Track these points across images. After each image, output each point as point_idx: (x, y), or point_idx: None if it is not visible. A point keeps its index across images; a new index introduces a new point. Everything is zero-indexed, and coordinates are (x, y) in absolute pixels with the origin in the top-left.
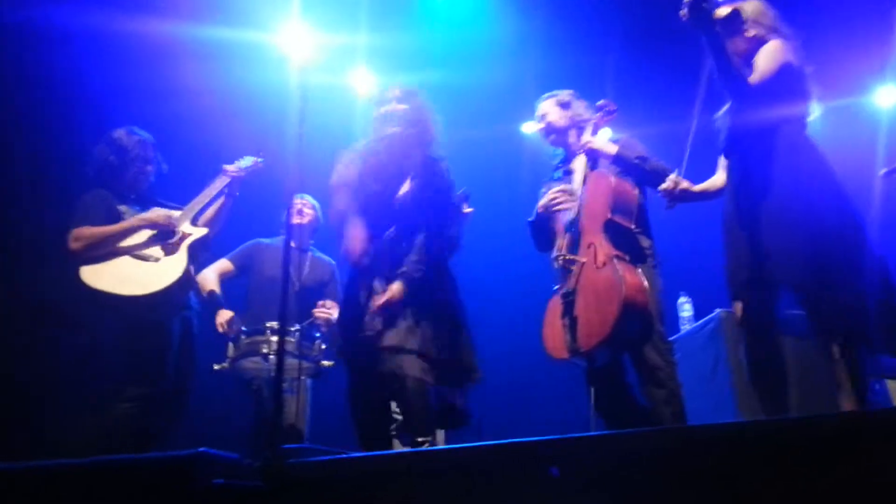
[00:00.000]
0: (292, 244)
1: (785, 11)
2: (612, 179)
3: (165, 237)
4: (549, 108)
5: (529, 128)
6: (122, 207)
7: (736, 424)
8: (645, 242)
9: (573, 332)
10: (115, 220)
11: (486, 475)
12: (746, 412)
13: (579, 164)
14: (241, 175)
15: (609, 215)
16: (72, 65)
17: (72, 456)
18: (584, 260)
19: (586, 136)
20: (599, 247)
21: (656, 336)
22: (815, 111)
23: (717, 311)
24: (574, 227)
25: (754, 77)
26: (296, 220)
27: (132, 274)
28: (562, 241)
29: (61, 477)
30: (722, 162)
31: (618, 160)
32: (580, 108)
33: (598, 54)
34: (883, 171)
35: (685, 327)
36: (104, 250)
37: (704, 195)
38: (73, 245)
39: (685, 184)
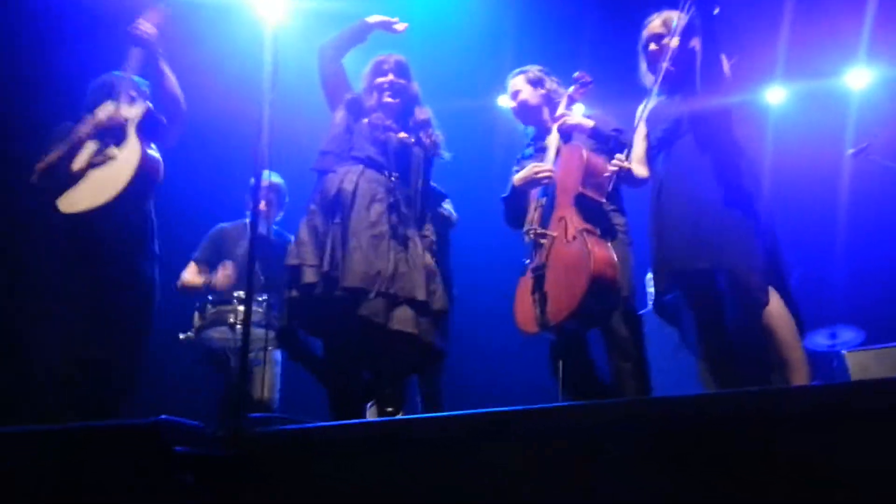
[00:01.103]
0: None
1: None
2: (584, 153)
3: (118, 133)
4: (521, 86)
5: (504, 101)
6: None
7: (699, 396)
8: (618, 220)
9: (542, 307)
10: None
11: (457, 445)
12: (709, 387)
13: (552, 139)
14: (151, 33)
15: (580, 189)
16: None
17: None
18: (555, 234)
19: (561, 110)
20: (570, 221)
21: (627, 309)
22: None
23: None
24: (547, 201)
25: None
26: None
27: (103, 181)
28: (533, 215)
29: (18, 443)
30: (640, 153)
31: (595, 134)
32: (552, 84)
33: (574, 26)
34: (850, 151)
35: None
36: (67, 174)
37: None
38: (33, 179)
39: (628, 164)
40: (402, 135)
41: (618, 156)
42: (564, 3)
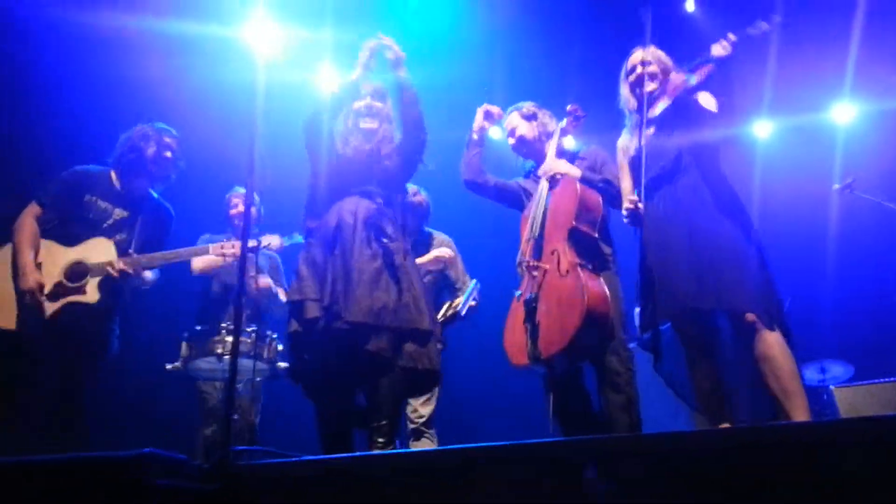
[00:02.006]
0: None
1: (743, 27)
2: (579, 188)
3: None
4: (517, 122)
5: (496, 133)
6: (92, 198)
7: (692, 433)
8: (606, 249)
9: (534, 339)
10: (79, 208)
11: (442, 480)
12: (701, 421)
13: (542, 186)
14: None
15: (573, 223)
16: (34, 58)
17: None
18: (547, 266)
19: (550, 155)
20: (563, 254)
21: (617, 343)
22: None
23: None
24: (539, 234)
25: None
26: (237, 216)
27: None
28: (525, 247)
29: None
30: (627, 189)
31: (583, 182)
32: (545, 117)
33: (565, 55)
34: (836, 186)
35: None
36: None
37: None
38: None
39: (642, 204)
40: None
41: (631, 198)
42: (554, 28)
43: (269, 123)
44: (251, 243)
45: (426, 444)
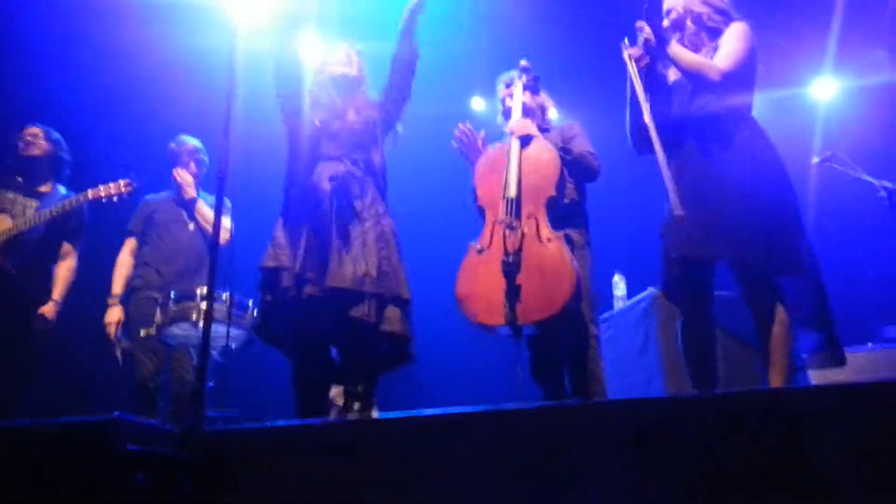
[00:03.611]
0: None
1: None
2: (557, 156)
3: None
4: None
5: (478, 104)
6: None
7: (664, 399)
8: (579, 220)
9: (512, 303)
10: None
11: (417, 444)
12: (674, 388)
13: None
14: (102, 197)
15: (553, 193)
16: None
17: None
18: (525, 230)
19: (516, 112)
20: (542, 221)
21: (585, 320)
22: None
23: (650, 289)
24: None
25: (724, 64)
26: (186, 171)
27: None
28: (499, 204)
29: None
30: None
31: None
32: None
33: (550, 32)
34: (816, 159)
35: (619, 305)
36: None
37: None
38: None
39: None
40: (351, 115)
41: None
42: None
43: (248, 91)
44: None
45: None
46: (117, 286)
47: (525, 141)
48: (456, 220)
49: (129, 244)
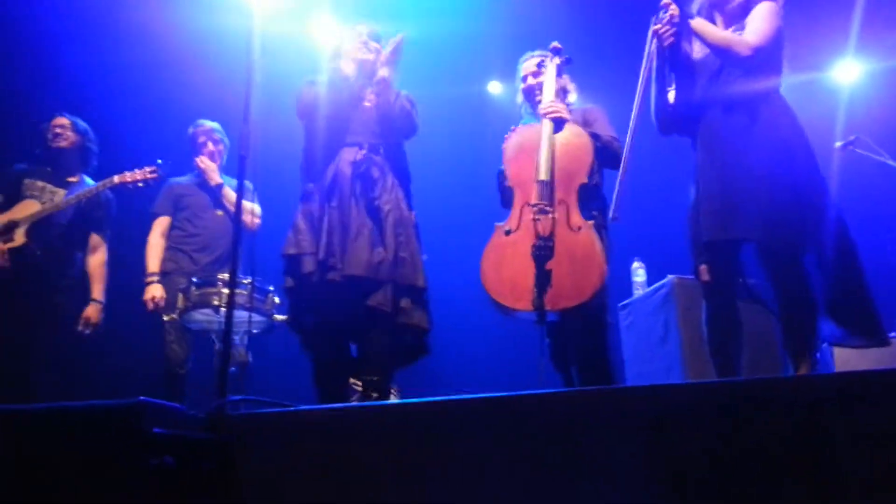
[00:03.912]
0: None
1: None
2: (590, 142)
3: None
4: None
5: (495, 88)
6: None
7: (680, 385)
8: (597, 203)
9: (542, 288)
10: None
11: (435, 430)
12: (695, 376)
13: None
14: (128, 182)
15: (585, 180)
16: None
17: None
18: (556, 215)
19: (548, 93)
20: (573, 208)
21: (601, 311)
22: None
23: (669, 277)
24: (550, 179)
25: (754, 40)
26: (208, 157)
27: None
28: (531, 187)
29: None
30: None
31: (593, 137)
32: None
33: (568, 15)
34: (839, 143)
35: (638, 292)
36: None
37: None
38: None
39: None
40: (369, 101)
41: None
42: None
43: (265, 74)
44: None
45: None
46: (153, 265)
47: (557, 124)
48: (474, 204)
49: (160, 225)
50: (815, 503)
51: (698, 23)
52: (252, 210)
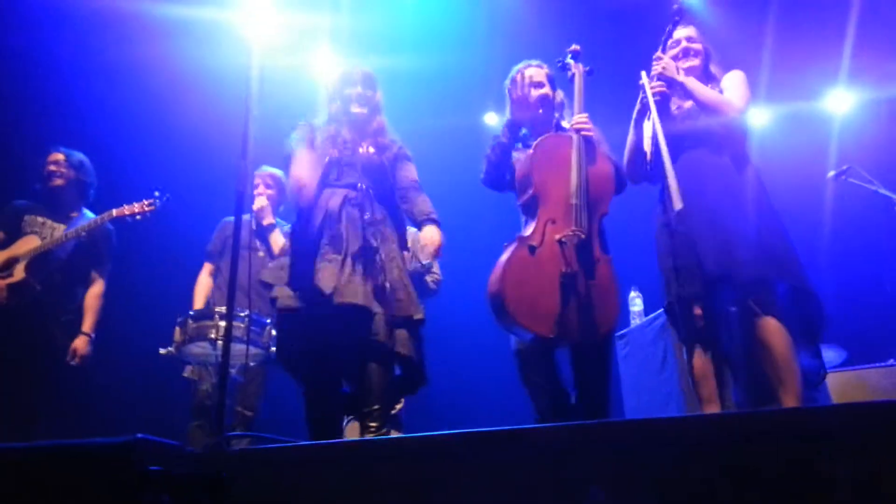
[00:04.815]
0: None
1: (739, 15)
2: (613, 171)
3: None
4: (543, 79)
5: (491, 119)
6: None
7: (683, 419)
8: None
9: (563, 316)
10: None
11: (434, 464)
12: (694, 406)
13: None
14: (126, 215)
15: (607, 210)
16: (29, 41)
17: None
18: (576, 241)
19: (579, 106)
20: (595, 238)
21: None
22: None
23: None
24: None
25: (740, 104)
26: (258, 196)
27: None
28: (563, 210)
29: None
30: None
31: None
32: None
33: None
34: (832, 173)
35: (635, 321)
36: None
37: None
38: None
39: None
40: (363, 148)
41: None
42: (557, 22)
43: (264, 108)
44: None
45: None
46: (197, 303)
47: (588, 143)
48: (472, 233)
49: (208, 267)
50: None
51: (691, 80)
52: (278, 243)
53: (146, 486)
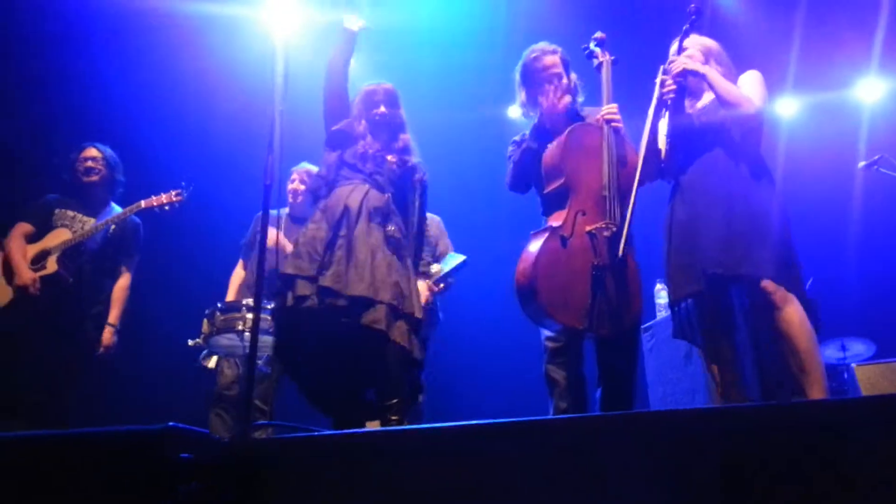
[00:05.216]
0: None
1: (769, 4)
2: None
3: None
4: (559, 65)
5: (514, 112)
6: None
7: (708, 410)
8: None
9: (594, 309)
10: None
11: (458, 455)
12: (718, 399)
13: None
14: (154, 206)
15: (632, 202)
16: (54, 39)
17: None
18: (608, 234)
19: (608, 96)
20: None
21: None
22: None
23: None
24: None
25: (759, 102)
26: (294, 190)
27: None
28: (594, 200)
29: (20, 449)
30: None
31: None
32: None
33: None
34: (862, 163)
35: (661, 314)
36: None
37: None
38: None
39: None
40: (391, 158)
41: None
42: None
43: (289, 105)
44: None
45: None
46: (229, 295)
47: (617, 134)
48: (493, 228)
49: (243, 260)
50: None
51: (712, 72)
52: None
53: (177, 474)
